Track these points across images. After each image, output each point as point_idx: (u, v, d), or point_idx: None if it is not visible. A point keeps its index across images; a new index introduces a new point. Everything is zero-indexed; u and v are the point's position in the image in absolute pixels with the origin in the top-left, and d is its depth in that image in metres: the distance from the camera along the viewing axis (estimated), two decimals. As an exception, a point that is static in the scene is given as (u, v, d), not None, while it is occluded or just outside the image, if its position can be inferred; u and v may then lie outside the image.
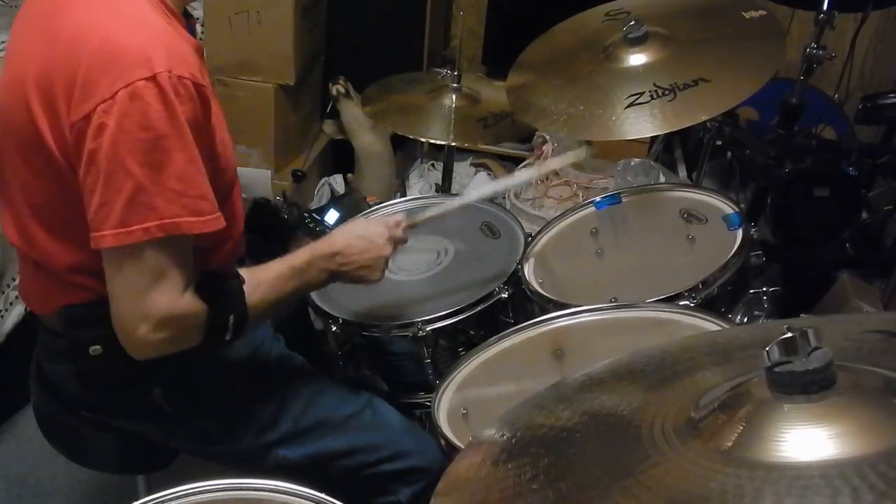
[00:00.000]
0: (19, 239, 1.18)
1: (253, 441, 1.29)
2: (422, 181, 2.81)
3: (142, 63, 0.99)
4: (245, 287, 1.14)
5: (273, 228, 2.09)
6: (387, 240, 1.31)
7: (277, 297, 1.20)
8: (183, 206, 1.02)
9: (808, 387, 0.61)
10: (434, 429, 1.21)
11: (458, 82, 1.91)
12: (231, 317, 1.12)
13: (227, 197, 1.29)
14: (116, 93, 0.98)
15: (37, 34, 1.09)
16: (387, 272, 1.57)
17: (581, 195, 2.54)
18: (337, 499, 0.92)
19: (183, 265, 1.06)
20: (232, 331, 1.13)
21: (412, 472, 1.33)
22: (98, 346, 1.14)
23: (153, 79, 0.99)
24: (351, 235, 1.29)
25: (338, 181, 2.80)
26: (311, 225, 2.17)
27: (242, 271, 1.16)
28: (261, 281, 1.17)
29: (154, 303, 1.04)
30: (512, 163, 2.85)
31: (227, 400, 1.29)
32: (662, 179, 2.30)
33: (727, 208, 1.45)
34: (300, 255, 1.24)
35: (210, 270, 1.13)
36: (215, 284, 1.12)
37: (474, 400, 1.25)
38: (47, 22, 1.08)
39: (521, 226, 1.62)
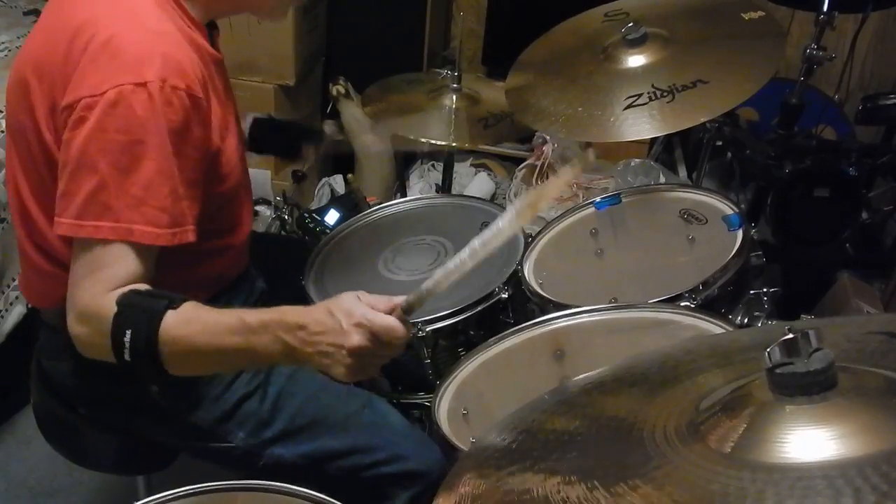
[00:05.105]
0: (21, 224, 1.21)
1: (248, 439, 1.29)
2: (422, 181, 2.81)
3: (135, 68, 1.02)
4: (173, 316, 1.01)
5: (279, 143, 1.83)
6: (354, 325, 1.00)
7: (210, 345, 1.03)
8: (142, 213, 1.03)
9: (809, 388, 0.61)
10: (434, 429, 1.21)
11: (458, 83, 1.91)
12: (128, 333, 1.00)
13: (230, 204, 1.29)
14: (105, 92, 1.01)
15: (42, 28, 1.14)
16: (386, 272, 1.58)
17: (581, 195, 2.53)
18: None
19: (126, 267, 1.04)
20: (130, 350, 1.00)
21: (410, 476, 1.30)
22: None
23: (143, 85, 1.02)
24: (325, 311, 1.02)
25: (338, 181, 2.79)
26: (311, 225, 2.17)
27: (188, 304, 1.04)
28: (198, 319, 1.03)
29: (80, 293, 1.05)
30: (512, 163, 2.85)
31: (222, 397, 1.28)
32: (662, 180, 2.30)
33: (727, 209, 1.45)
34: (258, 313, 1.04)
35: (139, 288, 1.04)
36: (135, 296, 1.03)
37: (474, 400, 1.25)
38: (54, 15, 1.13)
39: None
